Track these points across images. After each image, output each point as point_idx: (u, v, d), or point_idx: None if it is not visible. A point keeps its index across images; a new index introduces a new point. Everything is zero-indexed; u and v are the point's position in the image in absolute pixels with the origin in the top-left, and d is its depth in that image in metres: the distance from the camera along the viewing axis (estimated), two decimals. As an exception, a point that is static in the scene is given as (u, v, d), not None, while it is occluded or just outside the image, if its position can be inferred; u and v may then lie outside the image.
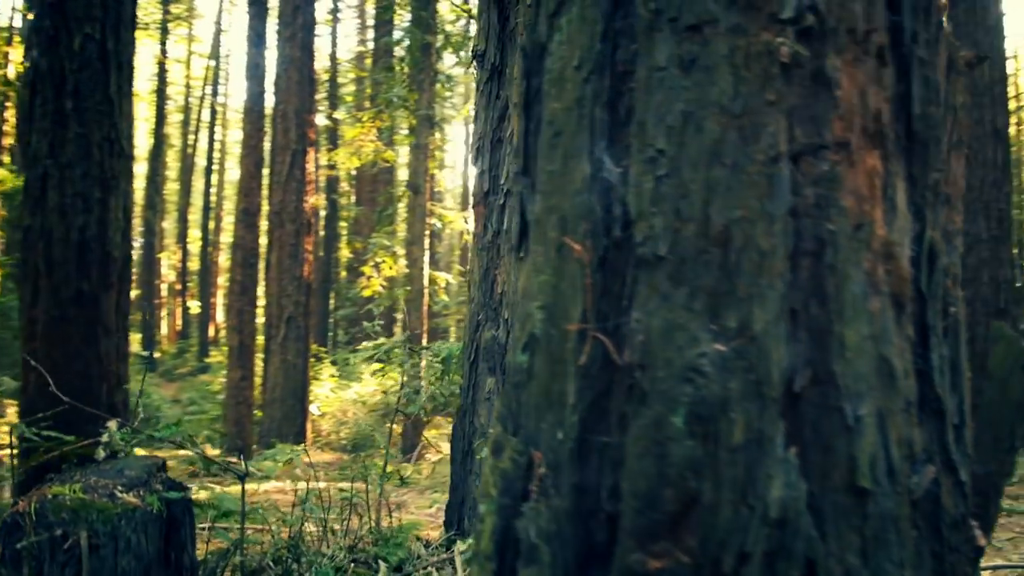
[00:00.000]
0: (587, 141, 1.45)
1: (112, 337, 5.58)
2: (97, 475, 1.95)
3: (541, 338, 1.50)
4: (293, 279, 10.50)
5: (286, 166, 10.42)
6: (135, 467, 1.97)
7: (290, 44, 10.41)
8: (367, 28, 23.77)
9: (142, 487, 1.91)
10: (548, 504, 1.41)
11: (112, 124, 5.55)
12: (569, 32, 1.49)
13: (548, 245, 1.50)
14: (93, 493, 1.84)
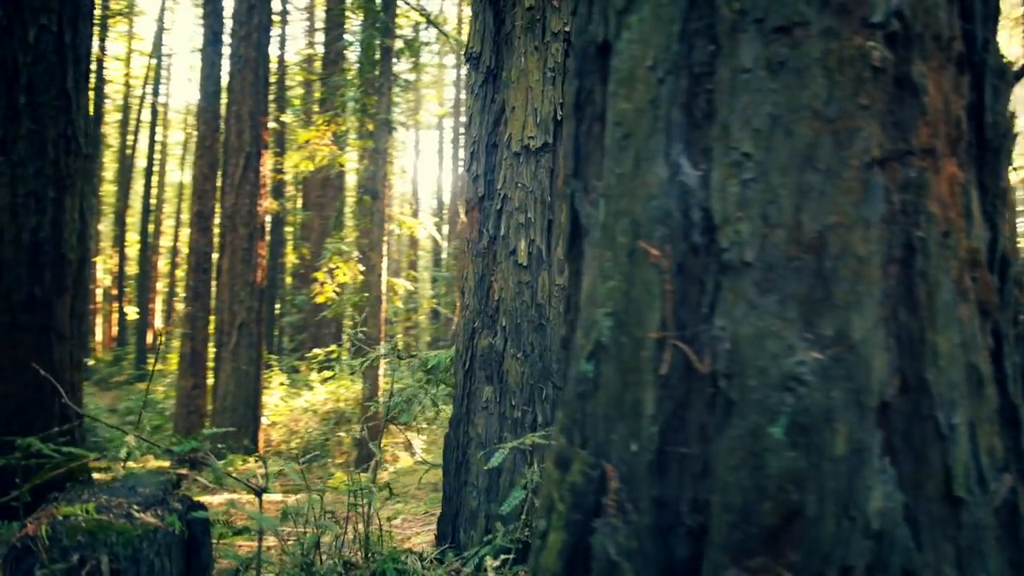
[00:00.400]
0: (663, 143, 1.41)
1: (65, 344, 5.30)
2: (107, 493, 1.80)
3: (610, 346, 1.45)
4: (246, 284, 10.21)
5: (239, 169, 10.14)
6: (148, 484, 1.84)
7: (245, 44, 10.16)
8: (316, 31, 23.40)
9: (159, 506, 1.78)
10: (626, 519, 1.36)
11: (69, 120, 5.28)
12: (641, 31, 1.45)
13: (617, 250, 1.45)
14: (108, 513, 1.71)
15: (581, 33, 1.73)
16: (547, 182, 3.29)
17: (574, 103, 1.71)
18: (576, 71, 1.72)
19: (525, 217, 3.25)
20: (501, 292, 3.27)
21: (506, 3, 3.47)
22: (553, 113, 3.30)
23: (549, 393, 3.18)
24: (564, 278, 3.27)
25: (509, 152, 3.32)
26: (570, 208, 1.70)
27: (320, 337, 19.74)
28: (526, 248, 3.23)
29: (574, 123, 1.72)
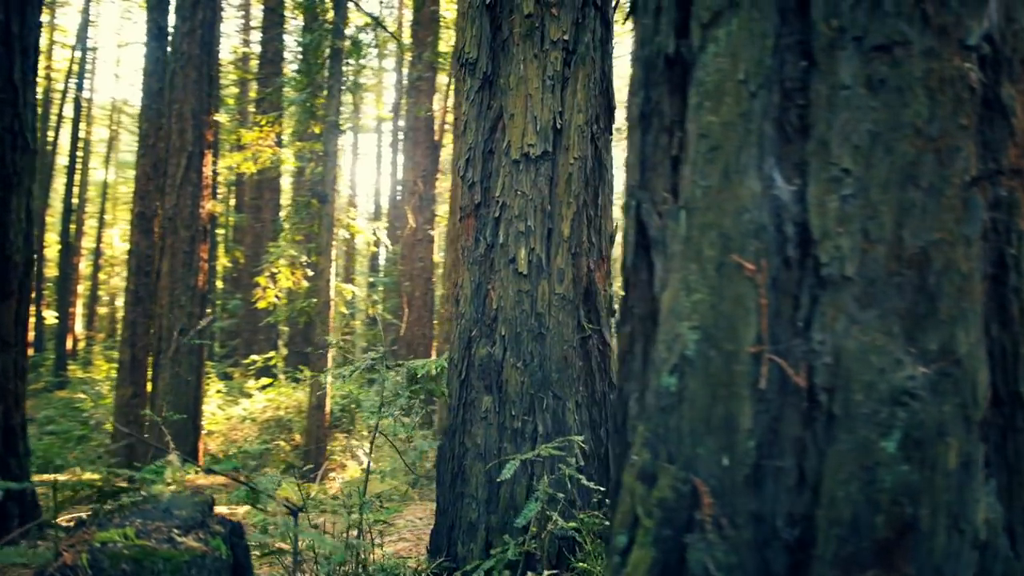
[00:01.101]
0: (755, 157, 1.41)
1: (10, 351, 4.99)
2: (141, 517, 1.67)
3: (696, 360, 1.44)
4: (187, 289, 9.85)
5: (181, 169, 9.78)
6: (183, 506, 1.72)
7: (188, 40, 9.81)
8: (251, 29, 22.82)
9: (199, 528, 1.67)
10: (723, 535, 1.35)
11: (15, 114, 4.98)
12: (729, 44, 1.45)
13: (704, 263, 1.45)
14: (148, 538, 1.59)
15: (645, 44, 1.72)
16: (547, 190, 3.27)
17: (639, 114, 1.70)
18: (641, 82, 1.71)
19: (525, 225, 3.22)
20: (500, 301, 3.23)
21: (503, 10, 3.44)
22: (552, 121, 3.29)
23: (550, 403, 3.16)
24: (564, 287, 3.27)
25: (508, 159, 3.29)
26: (635, 219, 1.68)
27: (254, 343, 19.19)
28: (526, 256, 3.21)
29: (639, 134, 1.71)
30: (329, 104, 10.06)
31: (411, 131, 17.24)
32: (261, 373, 14.94)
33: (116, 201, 26.78)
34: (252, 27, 22.31)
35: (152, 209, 9.21)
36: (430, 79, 16.45)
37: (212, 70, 10.36)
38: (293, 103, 10.78)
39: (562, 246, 3.23)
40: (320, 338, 9.88)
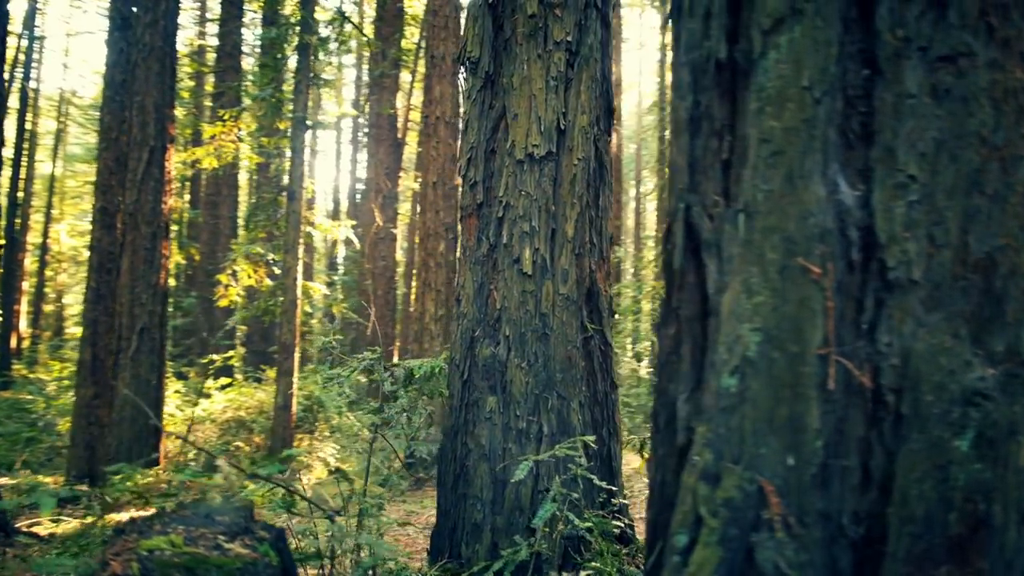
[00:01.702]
0: (819, 162, 1.43)
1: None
2: (183, 523, 1.61)
3: (758, 361, 1.46)
4: (148, 287, 9.60)
5: (143, 163, 9.52)
6: (224, 511, 1.66)
7: (151, 31, 9.55)
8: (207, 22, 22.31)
9: (244, 535, 1.61)
10: (791, 533, 1.37)
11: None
12: (792, 51, 1.47)
13: (767, 266, 1.47)
14: (195, 545, 1.54)
15: (694, 48, 1.73)
16: (550, 191, 3.28)
17: (688, 118, 1.72)
18: (689, 86, 1.72)
19: (529, 226, 3.22)
20: (504, 301, 3.23)
21: (505, 9, 3.43)
22: (556, 122, 3.30)
23: (554, 403, 3.17)
24: (567, 287, 3.28)
25: (511, 159, 3.28)
26: (684, 222, 1.70)
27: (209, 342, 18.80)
28: (531, 257, 3.21)
29: (687, 138, 1.72)
30: (297, 100, 9.90)
31: (373, 128, 17.06)
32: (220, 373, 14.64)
33: (64, 196, 25.91)
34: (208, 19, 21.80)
35: (115, 204, 8.94)
36: (394, 76, 16.30)
37: (174, 62, 10.11)
38: (257, 98, 10.57)
39: (566, 246, 3.24)
40: (286, 338, 9.72)
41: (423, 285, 9.88)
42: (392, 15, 16.64)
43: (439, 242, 9.85)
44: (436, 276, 9.83)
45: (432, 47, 10.08)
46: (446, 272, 9.98)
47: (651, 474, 1.90)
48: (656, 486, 1.83)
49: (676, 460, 1.74)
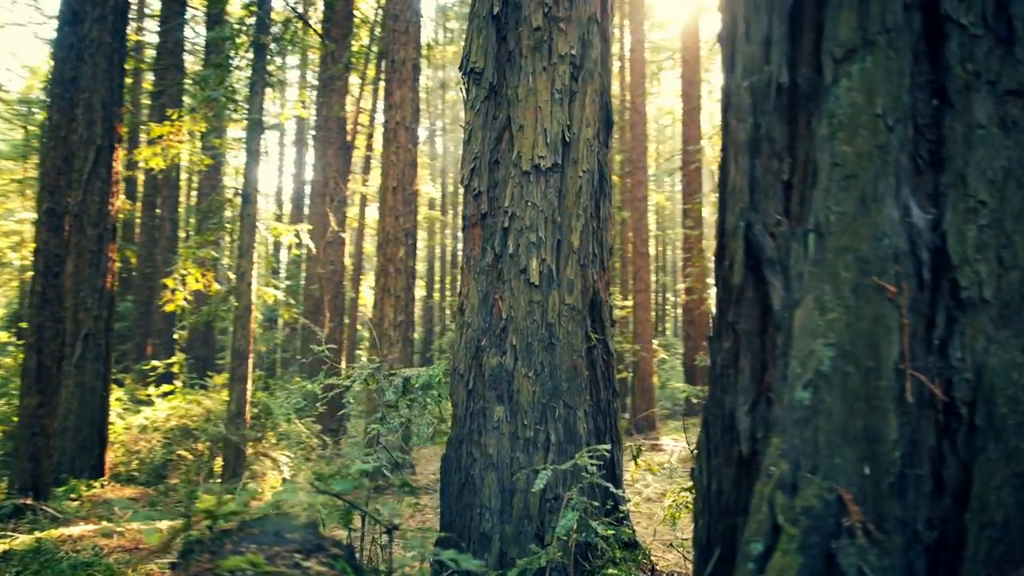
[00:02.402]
0: (892, 187, 1.51)
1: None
2: (255, 542, 1.57)
3: (831, 375, 1.53)
4: (94, 291, 9.27)
5: (89, 163, 9.20)
6: (291, 528, 1.62)
7: (99, 27, 9.26)
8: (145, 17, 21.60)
9: (318, 552, 1.58)
10: (872, 540, 1.44)
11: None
12: (864, 80, 1.54)
13: (840, 284, 1.54)
14: (274, 565, 1.51)
15: (753, 72, 1.80)
16: (556, 202, 3.32)
17: (748, 139, 1.78)
18: (749, 108, 1.79)
19: (536, 236, 3.25)
20: (510, 311, 3.25)
21: (508, 21, 3.46)
22: (561, 134, 3.34)
23: (561, 412, 3.20)
24: (573, 298, 3.32)
25: (517, 170, 3.31)
26: (745, 239, 1.76)
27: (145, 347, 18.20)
28: (538, 267, 3.24)
29: (747, 158, 1.79)
30: (252, 100, 9.69)
31: (322, 130, 16.81)
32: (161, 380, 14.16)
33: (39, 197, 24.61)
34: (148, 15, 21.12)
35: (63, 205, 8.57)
36: (344, 79, 16.10)
37: (123, 59, 9.80)
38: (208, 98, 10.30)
39: (571, 257, 3.29)
40: (240, 344, 9.49)
41: (382, 291, 9.79)
42: (342, 17, 16.44)
43: (399, 247, 9.78)
44: (395, 282, 9.76)
45: (392, 52, 10.02)
46: (405, 278, 9.92)
47: (700, 483, 1.95)
48: (710, 495, 1.88)
49: (735, 470, 1.80)
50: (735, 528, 1.76)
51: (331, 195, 16.16)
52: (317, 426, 14.46)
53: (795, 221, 1.69)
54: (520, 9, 3.43)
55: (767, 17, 1.77)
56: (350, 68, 16.14)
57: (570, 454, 3.16)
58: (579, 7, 3.43)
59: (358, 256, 18.78)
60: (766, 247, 1.71)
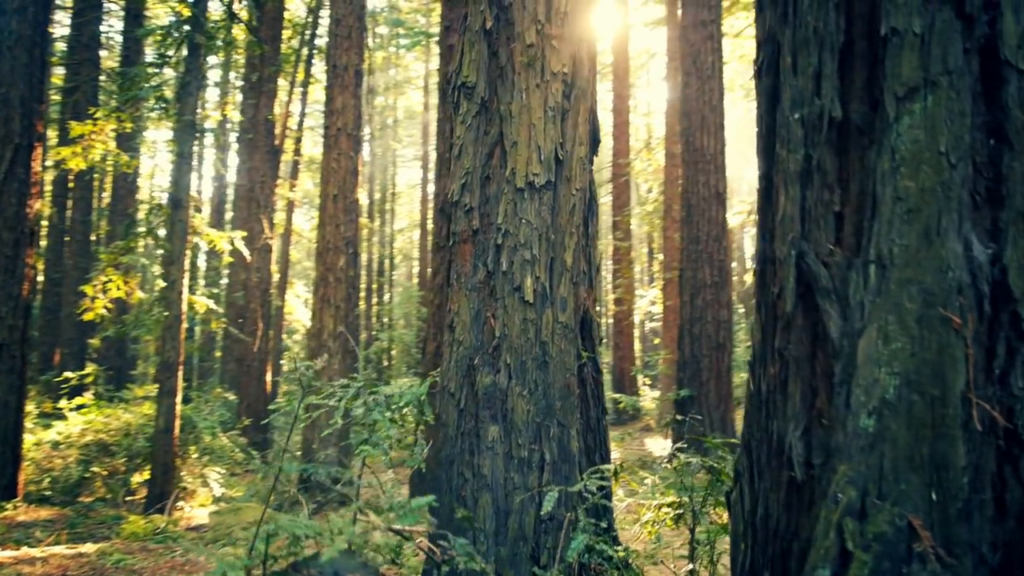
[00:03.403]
0: (955, 222, 1.57)
1: None
2: None
3: (896, 403, 1.57)
4: (9, 299, 8.71)
5: (5, 162, 8.65)
6: (350, 567, 1.53)
7: (18, 19, 8.73)
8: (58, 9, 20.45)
9: (383, 589, 1.51)
10: (944, 564, 1.49)
11: None
12: (925, 118, 1.60)
13: (904, 315, 1.59)
14: (346, 605, 1.43)
15: (803, 105, 1.84)
16: (549, 219, 3.31)
17: (800, 170, 1.82)
18: (800, 140, 1.83)
19: (530, 254, 3.24)
20: (504, 329, 3.22)
21: (499, 36, 3.45)
22: (554, 152, 3.34)
23: (555, 431, 3.19)
24: (566, 316, 3.32)
25: (511, 187, 3.29)
26: (796, 268, 1.80)
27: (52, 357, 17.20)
28: (532, 285, 3.22)
29: (798, 188, 1.83)
30: (185, 102, 9.31)
31: (248, 133, 16.30)
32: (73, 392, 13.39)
33: None
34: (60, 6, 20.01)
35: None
36: (274, 80, 15.68)
37: (44, 53, 9.28)
38: (135, 97, 9.83)
39: (565, 275, 3.28)
40: (169, 355, 9.07)
41: (321, 300, 9.55)
42: (272, 18, 16.02)
43: (339, 256, 9.57)
44: (335, 291, 9.54)
45: (334, 56, 9.82)
46: (346, 288, 9.71)
47: (741, 507, 1.97)
48: (755, 520, 1.91)
49: (785, 495, 1.83)
50: (787, 553, 1.79)
51: (258, 200, 15.69)
52: (243, 439, 13.98)
53: (848, 251, 1.74)
54: (513, 25, 3.42)
55: (817, 52, 1.82)
56: (279, 70, 15.74)
57: (564, 473, 3.15)
58: (571, 25, 3.44)
59: (284, 263, 18.28)
60: (820, 276, 1.75)
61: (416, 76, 26.70)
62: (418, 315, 23.86)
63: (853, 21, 1.79)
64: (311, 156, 22.85)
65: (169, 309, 9.15)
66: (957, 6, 1.61)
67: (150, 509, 8.97)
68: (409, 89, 27.15)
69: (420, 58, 25.41)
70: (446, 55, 8.96)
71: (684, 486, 3.41)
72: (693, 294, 11.21)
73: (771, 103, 1.96)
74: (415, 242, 29.95)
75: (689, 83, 11.48)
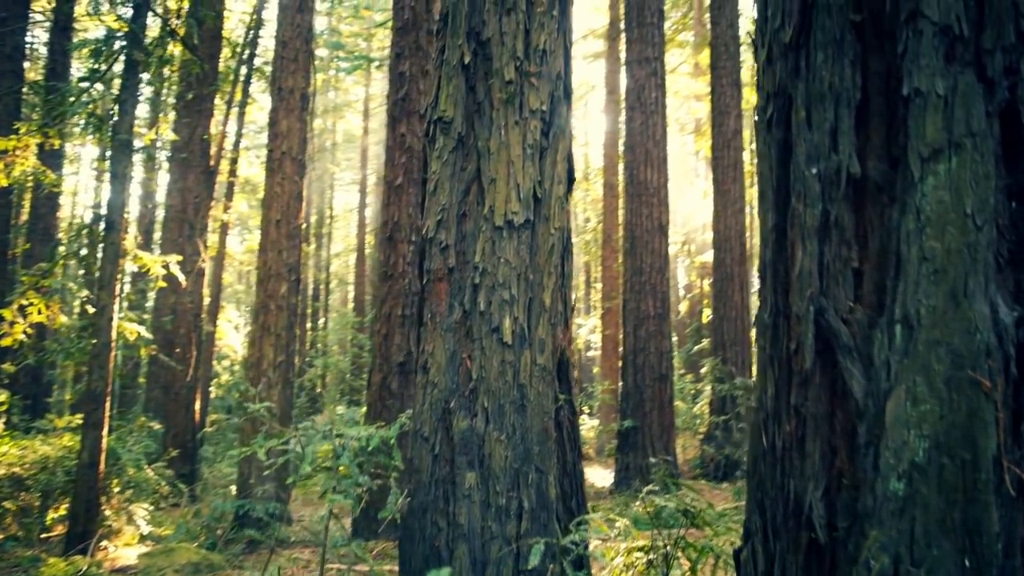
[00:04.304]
0: (981, 284, 1.57)
1: None
2: None
3: (926, 467, 1.55)
4: (-83, 325, 8.13)
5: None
6: None
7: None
8: (-25, 14, 19.49)
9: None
10: (981, 633, 1.46)
11: None
12: (951, 179, 1.61)
13: (932, 377, 1.57)
14: None
15: (818, 159, 1.84)
16: (527, 258, 3.25)
17: (818, 226, 1.81)
18: (818, 195, 1.82)
19: (509, 294, 3.16)
20: (481, 371, 3.12)
21: (476, 71, 3.39)
22: (533, 190, 3.29)
23: (533, 477, 3.10)
24: (544, 358, 3.24)
25: (489, 225, 3.22)
26: (815, 324, 1.77)
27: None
28: (511, 326, 3.14)
29: (816, 244, 1.81)
30: (121, 120, 8.93)
31: (181, 153, 15.78)
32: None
33: None
34: (-23, 13, 19.06)
35: None
36: (210, 100, 15.27)
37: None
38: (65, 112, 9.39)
39: (543, 316, 3.21)
40: (96, 385, 8.59)
41: (261, 328, 9.23)
42: (211, 36, 15.63)
43: (281, 283, 9.29)
44: (276, 320, 9.24)
45: (279, 79, 9.61)
46: (287, 316, 9.41)
47: (753, 567, 1.92)
48: None
49: (805, 557, 1.79)
50: (808, 617, 1.75)
51: (191, 221, 15.16)
52: (169, 471, 13.32)
53: (869, 309, 1.73)
54: (491, 60, 3.36)
55: (833, 107, 1.82)
56: (217, 89, 15.33)
57: (543, 521, 3.06)
58: (549, 63, 3.42)
59: (217, 287, 17.68)
60: (841, 333, 1.73)
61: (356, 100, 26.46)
62: (354, 341, 23.41)
63: (869, 78, 1.80)
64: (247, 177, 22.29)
65: (97, 336, 8.67)
66: (979, 70, 1.63)
67: (71, 549, 8.42)
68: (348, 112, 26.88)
69: (360, 82, 25.21)
70: (396, 82, 8.87)
71: (655, 524, 3.37)
72: (636, 325, 11.31)
73: (782, 156, 1.95)
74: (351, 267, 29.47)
75: (633, 117, 11.68)
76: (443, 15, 3.49)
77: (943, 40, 1.65)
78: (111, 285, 8.84)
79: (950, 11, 1.65)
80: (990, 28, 1.62)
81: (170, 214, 16.87)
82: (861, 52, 1.81)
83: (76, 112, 9.36)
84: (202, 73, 13.81)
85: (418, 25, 8.66)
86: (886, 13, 1.76)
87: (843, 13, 1.84)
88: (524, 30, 3.38)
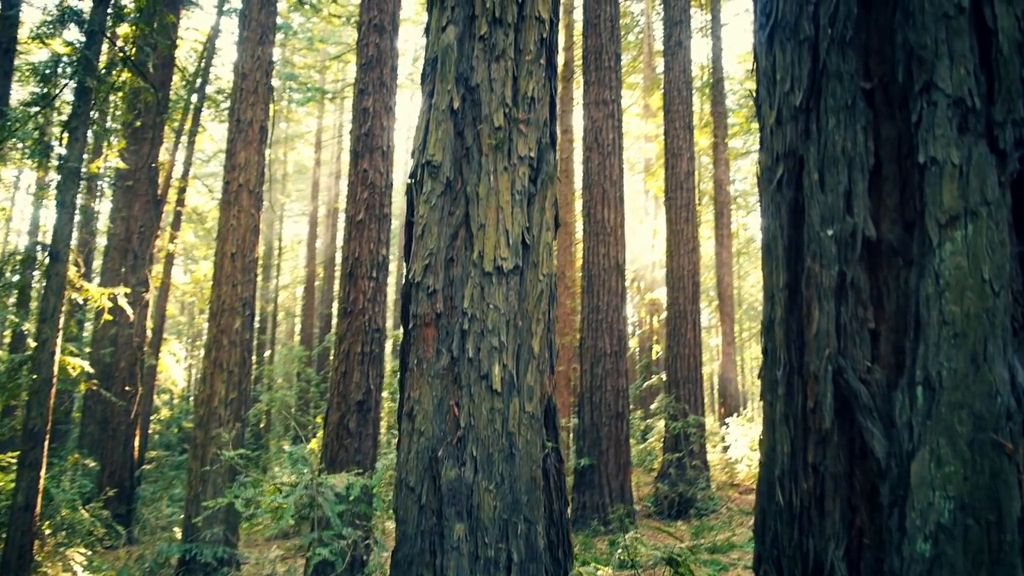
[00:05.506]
0: (1000, 348, 1.62)
1: None
2: None
3: (952, 528, 1.57)
4: None
5: None
6: None
7: None
8: (-91, 32, 18.77)
9: None
10: None
11: None
12: (967, 245, 1.66)
13: (956, 439, 1.61)
14: None
15: (832, 221, 1.88)
16: (516, 305, 3.23)
17: (834, 287, 1.84)
18: (834, 257, 1.86)
19: (498, 340, 3.14)
20: (470, 419, 3.07)
21: (465, 116, 3.39)
22: (521, 236, 3.29)
23: (522, 528, 3.05)
24: (532, 405, 3.21)
25: (478, 271, 3.20)
26: (833, 383, 1.80)
27: None
28: (500, 373, 3.11)
29: (833, 304, 1.85)
30: (72, 148, 8.66)
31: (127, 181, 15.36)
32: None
33: None
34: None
35: None
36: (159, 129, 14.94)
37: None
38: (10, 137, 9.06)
39: (532, 363, 3.19)
40: (34, 423, 8.18)
41: (213, 364, 8.95)
42: (162, 63, 15.35)
43: (235, 318, 9.05)
44: (229, 355, 8.98)
45: (239, 111, 9.47)
46: (240, 351, 9.16)
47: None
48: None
49: (824, 616, 1.79)
50: None
51: (134, 251, 14.72)
52: (105, 512, 12.71)
53: (887, 369, 1.76)
54: (479, 107, 3.38)
55: (846, 172, 1.87)
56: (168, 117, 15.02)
57: (531, 573, 3.00)
58: (537, 110, 3.44)
59: (160, 319, 17.13)
60: (860, 394, 1.76)
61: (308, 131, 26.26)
62: (301, 375, 22.90)
63: (881, 144, 1.86)
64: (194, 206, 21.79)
65: (38, 371, 8.28)
66: (990, 141, 1.70)
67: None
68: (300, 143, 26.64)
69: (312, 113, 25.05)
70: (359, 117, 8.83)
71: None
72: (593, 363, 11.36)
73: (794, 217, 1.99)
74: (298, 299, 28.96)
75: (591, 158, 11.87)
76: (431, 59, 3.50)
77: (956, 112, 1.71)
78: (55, 318, 8.47)
79: (962, 84, 1.71)
80: (1001, 102, 1.70)
81: (112, 243, 16.35)
82: (873, 118, 1.87)
83: (20, 137, 9.03)
84: (154, 100, 13.52)
85: (382, 62, 8.67)
86: (898, 82, 1.83)
87: (854, 80, 1.91)
88: (512, 77, 3.41)
